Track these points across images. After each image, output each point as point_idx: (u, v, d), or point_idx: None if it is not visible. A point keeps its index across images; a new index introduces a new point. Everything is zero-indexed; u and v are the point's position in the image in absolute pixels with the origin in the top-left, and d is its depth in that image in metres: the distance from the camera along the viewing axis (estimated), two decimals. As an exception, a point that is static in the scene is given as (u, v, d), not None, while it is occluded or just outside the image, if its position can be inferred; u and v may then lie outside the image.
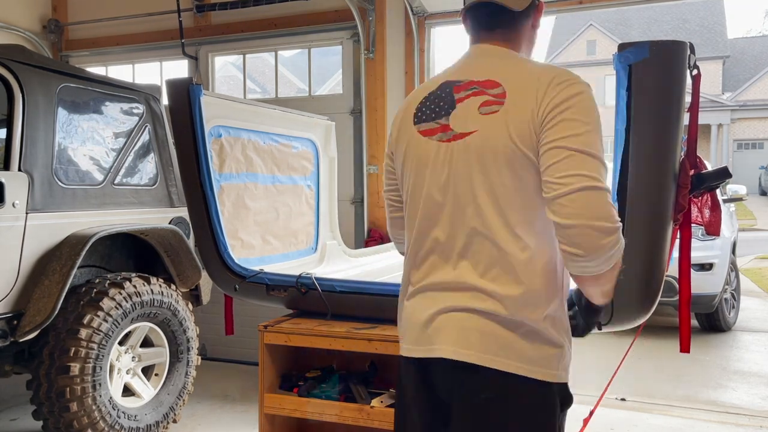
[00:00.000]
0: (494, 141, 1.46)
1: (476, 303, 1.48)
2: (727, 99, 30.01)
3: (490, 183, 1.47)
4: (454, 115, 1.53)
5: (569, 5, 4.68)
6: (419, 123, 1.59)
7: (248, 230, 3.12)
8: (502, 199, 1.46)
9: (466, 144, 1.50)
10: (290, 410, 2.51)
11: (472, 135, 1.49)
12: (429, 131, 1.56)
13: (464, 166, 1.50)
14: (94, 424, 3.27)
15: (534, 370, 1.47)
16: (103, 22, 5.84)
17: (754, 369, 5.26)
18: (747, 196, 7.69)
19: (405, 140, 1.63)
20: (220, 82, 6.56)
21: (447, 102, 1.55)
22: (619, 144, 1.88)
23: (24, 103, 3.25)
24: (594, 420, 2.13)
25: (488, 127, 1.47)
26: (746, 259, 11.73)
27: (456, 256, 1.52)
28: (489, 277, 1.48)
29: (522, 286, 1.46)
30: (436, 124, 1.55)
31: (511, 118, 1.45)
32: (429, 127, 1.57)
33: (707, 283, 6.04)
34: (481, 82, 1.52)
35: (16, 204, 3.15)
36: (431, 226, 1.56)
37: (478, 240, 1.49)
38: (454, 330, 1.50)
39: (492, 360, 1.46)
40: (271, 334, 2.52)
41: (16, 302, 3.20)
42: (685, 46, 1.85)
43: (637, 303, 1.96)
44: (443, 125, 1.54)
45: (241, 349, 5.09)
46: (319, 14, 5.09)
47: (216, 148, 2.93)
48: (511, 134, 1.44)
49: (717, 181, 1.95)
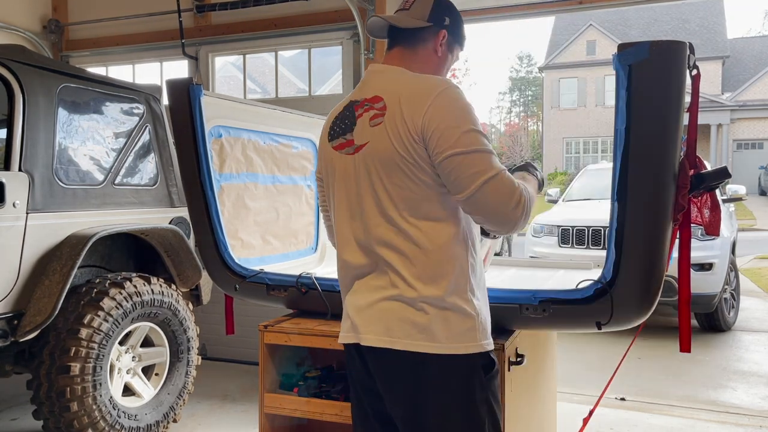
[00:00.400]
0: (381, 148, 1.65)
1: (391, 291, 1.66)
2: (726, 99, 30.00)
3: (384, 184, 1.66)
4: (356, 130, 1.73)
5: (569, 5, 4.67)
6: (332, 140, 1.80)
7: (248, 230, 3.12)
8: (397, 197, 1.65)
9: (363, 154, 1.70)
10: (290, 410, 2.51)
11: (366, 146, 1.69)
12: (340, 146, 1.77)
13: (365, 172, 1.69)
14: (95, 423, 3.27)
15: (449, 346, 1.62)
16: (103, 23, 5.84)
17: (754, 369, 5.26)
18: (746, 196, 7.68)
19: (323, 156, 1.85)
20: (220, 82, 6.56)
21: (350, 119, 1.76)
22: (619, 144, 1.89)
23: (24, 103, 3.25)
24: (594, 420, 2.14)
25: (376, 137, 1.67)
26: (746, 259, 11.73)
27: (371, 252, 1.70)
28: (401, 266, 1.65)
29: (427, 269, 1.63)
30: (344, 139, 1.76)
31: (390, 127, 1.64)
32: (339, 143, 1.77)
33: (707, 283, 6.05)
34: (369, 99, 1.72)
35: (16, 204, 3.15)
36: (349, 227, 1.75)
37: (387, 236, 1.66)
38: (374, 319, 1.68)
39: (409, 343, 1.62)
40: (271, 334, 2.52)
41: (17, 302, 3.20)
42: (685, 46, 1.85)
43: (637, 303, 1.97)
44: (349, 140, 1.74)
45: (241, 349, 5.09)
46: (319, 14, 5.09)
47: (216, 148, 2.93)
48: (393, 142, 1.63)
49: (716, 181, 1.96)
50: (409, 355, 1.63)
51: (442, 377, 1.63)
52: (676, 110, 1.85)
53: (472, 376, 1.65)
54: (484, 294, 1.76)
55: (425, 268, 1.64)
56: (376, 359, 1.70)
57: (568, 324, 2.18)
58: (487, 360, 1.69)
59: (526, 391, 2.44)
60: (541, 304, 2.08)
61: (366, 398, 1.81)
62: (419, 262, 1.64)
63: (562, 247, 6.94)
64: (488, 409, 1.67)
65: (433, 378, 1.63)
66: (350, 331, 1.75)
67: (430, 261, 1.63)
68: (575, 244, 6.84)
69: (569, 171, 30.95)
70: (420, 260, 1.64)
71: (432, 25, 1.79)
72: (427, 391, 1.64)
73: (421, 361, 1.63)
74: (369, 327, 1.69)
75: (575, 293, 2.06)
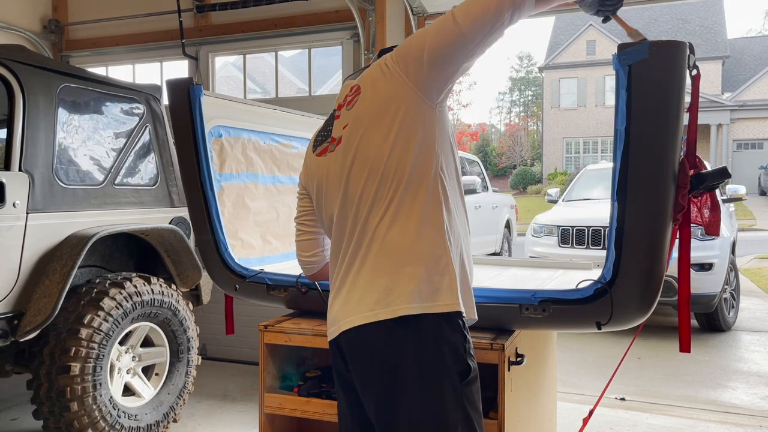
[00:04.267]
0: (370, 108, 1.65)
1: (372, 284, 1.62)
2: (726, 99, 30.00)
3: (366, 154, 1.63)
4: (334, 128, 1.76)
5: (569, 5, 4.66)
6: (315, 149, 1.83)
7: (248, 230, 3.12)
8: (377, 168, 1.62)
9: (346, 138, 1.69)
10: (290, 410, 2.51)
11: (345, 128, 1.69)
12: (323, 151, 1.78)
13: (346, 153, 1.68)
14: (95, 423, 3.27)
15: (422, 305, 1.57)
16: (103, 23, 5.84)
17: (754, 369, 5.27)
18: (746, 196, 7.68)
19: (307, 165, 1.88)
20: (220, 82, 6.57)
21: (330, 122, 1.79)
22: (619, 144, 1.89)
23: (24, 103, 3.25)
24: (594, 420, 2.14)
25: (353, 116, 1.68)
26: (746, 259, 11.74)
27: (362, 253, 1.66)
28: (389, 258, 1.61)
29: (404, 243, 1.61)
30: (327, 142, 1.77)
31: (369, 93, 1.66)
32: (322, 148, 1.79)
33: (707, 283, 6.05)
34: (349, 93, 1.74)
35: (16, 204, 3.15)
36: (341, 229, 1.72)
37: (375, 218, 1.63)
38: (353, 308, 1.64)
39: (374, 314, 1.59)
40: (271, 334, 2.52)
41: (17, 302, 3.20)
42: (685, 46, 1.85)
43: (637, 303, 1.97)
44: (331, 139, 1.76)
45: (241, 349, 5.10)
46: (319, 14, 5.10)
47: (216, 148, 2.93)
48: (378, 94, 1.63)
49: (716, 181, 1.96)
50: (375, 326, 1.58)
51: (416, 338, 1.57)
52: (676, 110, 1.85)
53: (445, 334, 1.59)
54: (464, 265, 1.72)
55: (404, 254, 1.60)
56: (347, 344, 1.67)
57: (568, 324, 2.18)
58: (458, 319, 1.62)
59: (526, 391, 2.44)
60: (541, 304, 2.09)
61: (346, 397, 1.78)
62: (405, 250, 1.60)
63: (562, 247, 6.94)
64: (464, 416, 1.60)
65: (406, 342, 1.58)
66: (332, 326, 1.72)
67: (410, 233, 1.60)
68: (575, 244, 6.84)
69: (569, 171, 30.97)
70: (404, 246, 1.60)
71: None
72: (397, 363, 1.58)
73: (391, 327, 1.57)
74: (347, 313, 1.65)
75: (575, 293, 2.06)
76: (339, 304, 1.71)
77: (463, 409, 1.59)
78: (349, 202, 1.69)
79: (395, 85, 1.62)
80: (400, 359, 1.58)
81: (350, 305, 1.66)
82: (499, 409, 2.11)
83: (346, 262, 1.70)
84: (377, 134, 1.63)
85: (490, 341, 2.09)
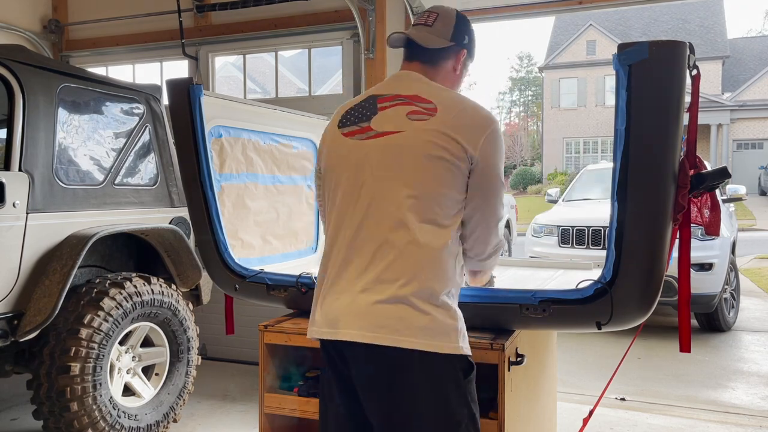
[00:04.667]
0: (420, 141, 1.66)
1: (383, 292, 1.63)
2: (726, 99, 30.00)
3: (406, 177, 1.66)
4: (376, 119, 1.75)
5: (569, 5, 4.67)
6: (343, 127, 1.81)
7: (248, 230, 3.12)
8: (417, 191, 1.65)
9: (387, 141, 1.70)
10: (290, 410, 2.51)
11: (398, 134, 1.69)
12: (350, 133, 1.78)
13: (379, 157, 1.70)
14: (95, 423, 3.27)
15: (433, 344, 1.61)
16: (103, 23, 5.83)
17: (754, 369, 5.27)
18: (746, 196, 7.68)
19: (328, 141, 1.85)
20: (220, 82, 6.56)
21: (370, 110, 1.78)
22: (619, 144, 1.89)
23: (24, 103, 3.25)
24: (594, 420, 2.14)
25: (417, 129, 1.68)
26: (746, 259, 11.74)
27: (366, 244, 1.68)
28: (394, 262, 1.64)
29: (422, 271, 1.63)
30: (357, 126, 1.77)
31: (436, 128, 1.67)
32: (350, 130, 1.78)
33: (707, 283, 6.05)
34: (408, 96, 1.75)
35: (16, 204, 3.15)
36: (343, 216, 1.74)
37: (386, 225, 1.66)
38: (359, 314, 1.64)
39: (394, 339, 1.61)
40: (271, 334, 2.52)
41: (17, 302, 3.20)
42: (685, 46, 1.85)
43: (637, 303, 1.97)
44: (365, 127, 1.75)
45: (241, 349, 5.10)
46: (319, 14, 5.09)
47: (216, 148, 2.93)
48: (437, 140, 1.66)
49: (716, 181, 1.96)
50: (392, 350, 1.61)
51: (424, 375, 1.62)
52: (676, 110, 1.85)
53: (452, 377, 1.65)
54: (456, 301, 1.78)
55: (420, 267, 1.63)
56: (354, 356, 1.68)
57: (568, 324, 2.18)
58: (465, 363, 1.69)
59: (526, 391, 2.44)
60: (541, 304, 2.08)
61: (345, 397, 1.79)
62: (414, 260, 1.63)
63: (562, 247, 6.94)
64: (468, 413, 1.67)
65: (414, 375, 1.62)
66: (324, 326, 1.73)
67: (426, 260, 1.64)
68: (575, 244, 6.84)
69: (569, 171, 30.96)
70: (415, 258, 1.63)
71: (454, 44, 1.86)
72: (405, 388, 1.63)
73: (402, 357, 1.61)
74: (352, 322, 1.66)
75: (575, 293, 2.06)
76: (333, 299, 1.73)
77: (467, 405, 1.66)
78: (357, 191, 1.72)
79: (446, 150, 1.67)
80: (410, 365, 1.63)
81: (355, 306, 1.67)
82: (499, 409, 2.11)
83: (346, 253, 1.72)
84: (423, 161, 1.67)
85: (490, 341, 2.09)
